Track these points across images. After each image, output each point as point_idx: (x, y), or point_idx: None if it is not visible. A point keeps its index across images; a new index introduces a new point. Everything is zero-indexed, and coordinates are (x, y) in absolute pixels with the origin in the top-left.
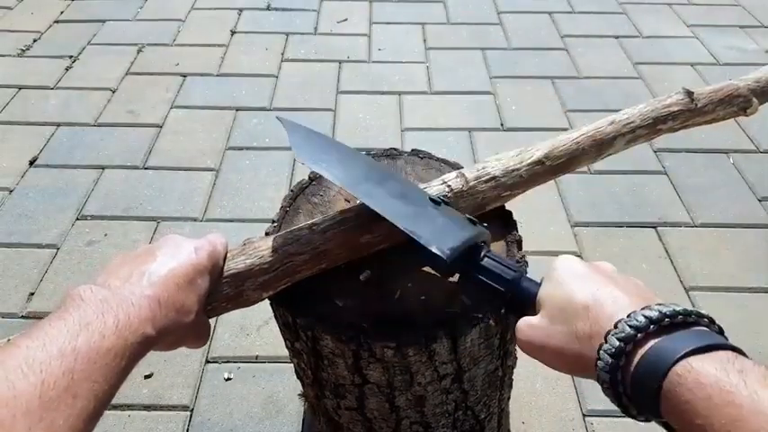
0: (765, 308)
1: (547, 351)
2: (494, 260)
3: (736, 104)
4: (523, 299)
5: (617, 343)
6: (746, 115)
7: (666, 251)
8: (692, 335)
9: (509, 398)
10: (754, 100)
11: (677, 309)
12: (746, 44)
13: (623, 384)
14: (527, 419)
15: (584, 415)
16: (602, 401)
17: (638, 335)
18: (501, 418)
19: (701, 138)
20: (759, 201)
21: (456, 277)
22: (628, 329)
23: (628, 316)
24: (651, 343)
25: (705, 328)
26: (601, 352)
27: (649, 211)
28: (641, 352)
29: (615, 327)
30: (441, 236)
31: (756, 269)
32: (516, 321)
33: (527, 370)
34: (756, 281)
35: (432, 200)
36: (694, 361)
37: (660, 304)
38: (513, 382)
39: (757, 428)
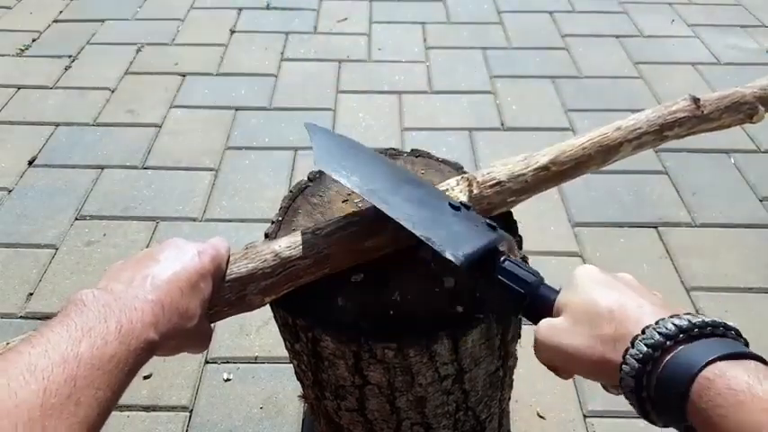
0: (766, 308)
1: (565, 353)
2: (514, 264)
3: (742, 111)
4: (542, 304)
5: (645, 349)
6: (753, 122)
7: (667, 251)
8: (721, 343)
9: (509, 398)
10: (761, 107)
11: (706, 320)
12: (747, 44)
13: (647, 389)
14: (527, 420)
15: (584, 416)
16: (602, 402)
17: (667, 342)
18: (501, 419)
19: (702, 138)
20: (760, 201)
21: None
22: (657, 336)
23: (656, 323)
24: (679, 348)
25: (732, 341)
26: (627, 357)
27: (650, 211)
28: (668, 357)
29: (643, 333)
30: (456, 241)
31: (757, 269)
32: (520, 324)
33: (527, 370)
34: (757, 281)
35: (451, 205)
36: (724, 366)
37: (688, 314)
38: (514, 383)
39: None
